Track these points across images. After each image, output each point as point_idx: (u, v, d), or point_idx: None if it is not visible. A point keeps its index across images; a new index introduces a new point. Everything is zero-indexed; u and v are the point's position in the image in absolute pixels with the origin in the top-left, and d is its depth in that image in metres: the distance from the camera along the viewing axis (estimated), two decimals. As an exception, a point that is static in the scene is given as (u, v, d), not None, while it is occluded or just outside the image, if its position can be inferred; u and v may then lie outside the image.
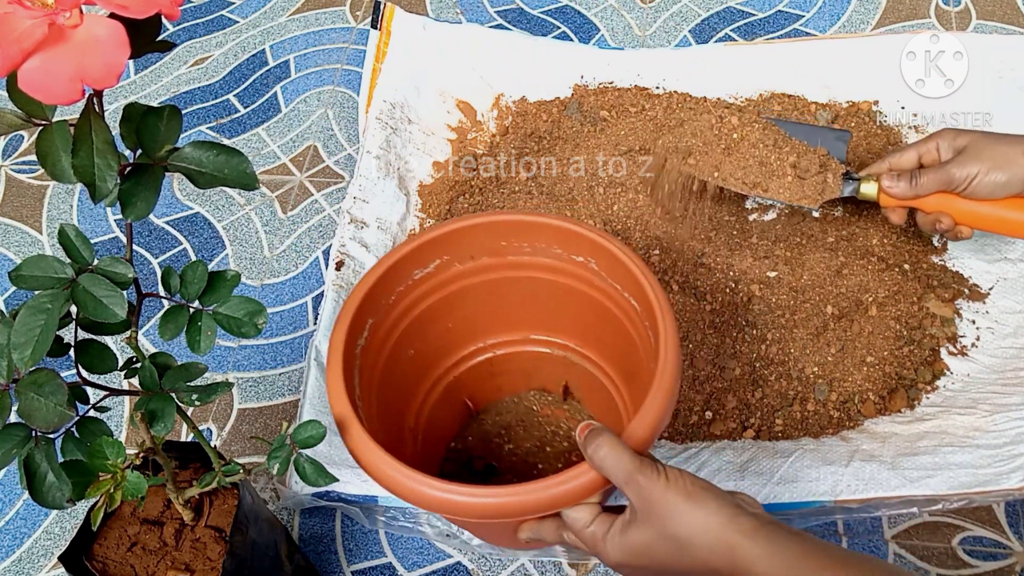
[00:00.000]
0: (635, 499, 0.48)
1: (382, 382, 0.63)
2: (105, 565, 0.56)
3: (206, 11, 1.17)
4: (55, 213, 0.98)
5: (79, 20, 0.33)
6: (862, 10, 1.06)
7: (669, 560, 0.48)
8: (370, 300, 0.61)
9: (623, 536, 0.49)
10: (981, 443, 0.66)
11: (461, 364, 0.72)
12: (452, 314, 0.68)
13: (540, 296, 0.67)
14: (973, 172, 0.68)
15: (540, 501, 0.49)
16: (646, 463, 0.48)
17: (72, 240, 0.43)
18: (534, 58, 0.98)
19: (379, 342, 0.63)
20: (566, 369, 0.71)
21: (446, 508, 0.50)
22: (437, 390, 0.71)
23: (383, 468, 0.51)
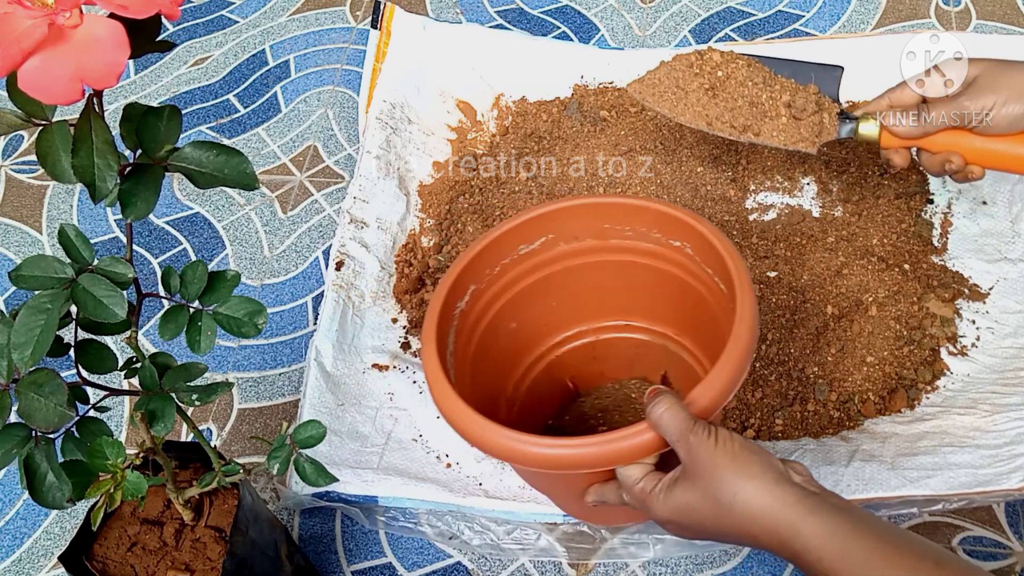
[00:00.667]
0: (684, 458, 0.49)
1: (480, 348, 0.66)
2: (105, 565, 0.56)
3: (206, 11, 1.17)
4: (55, 213, 0.98)
5: (79, 20, 0.33)
6: (862, 10, 1.06)
7: (709, 521, 0.49)
8: (473, 267, 0.64)
9: (669, 493, 0.50)
10: (981, 443, 0.66)
11: (564, 344, 0.73)
12: (555, 293, 0.69)
13: (641, 281, 0.68)
14: (988, 104, 0.62)
15: (596, 455, 0.51)
16: (700, 424, 0.49)
17: (72, 240, 0.43)
18: (534, 58, 0.98)
19: (479, 309, 0.66)
20: (665, 358, 0.72)
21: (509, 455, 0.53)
22: (539, 366, 0.73)
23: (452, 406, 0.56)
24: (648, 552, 0.69)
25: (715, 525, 0.49)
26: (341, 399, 0.75)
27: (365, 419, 0.75)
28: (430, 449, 0.73)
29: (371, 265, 0.84)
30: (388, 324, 0.82)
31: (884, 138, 0.68)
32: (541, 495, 0.69)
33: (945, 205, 0.85)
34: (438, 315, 0.60)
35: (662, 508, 0.51)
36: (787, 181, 0.88)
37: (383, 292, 0.84)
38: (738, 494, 0.47)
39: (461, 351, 0.64)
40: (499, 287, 0.67)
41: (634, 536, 0.69)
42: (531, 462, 0.53)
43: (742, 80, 0.70)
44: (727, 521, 0.48)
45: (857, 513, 0.46)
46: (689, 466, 0.49)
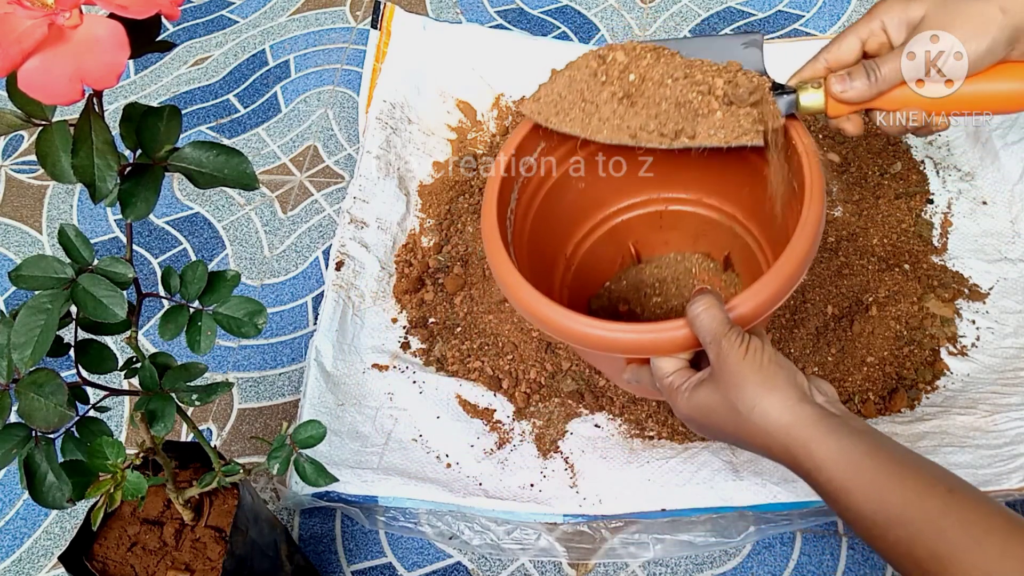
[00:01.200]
0: (713, 361, 0.49)
1: (544, 205, 0.66)
2: (105, 565, 0.56)
3: (206, 11, 1.17)
4: (55, 213, 0.98)
5: (79, 20, 0.33)
6: (862, 10, 1.06)
7: (726, 426, 0.49)
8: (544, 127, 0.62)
9: (693, 392, 0.51)
10: (981, 443, 0.66)
11: (632, 210, 0.73)
12: (631, 157, 0.67)
13: (716, 159, 0.61)
14: None
15: (630, 343, 0.52)
16: (735, 330, 0.49)
17: (72, 240, 0.43)
18: (534, 58, 0.97)
19: (548, 166, 0.65)
20: (731, 240, 0.72)
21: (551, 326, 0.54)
22: (603, 228, 0.73)
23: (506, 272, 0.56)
24: (648, 552, 0.69)
25: (732, 430, 0.49)
26: (341, 399, 0.76)
27: (365, 419, 0.75)
28: (430, 449, 0.73)
29: (371, 265, 0.84)
30: (388, 324, 0.82)
31: (831, 106, 0.59)
32: (541, 495, 0.69)
33: (945, 205, 0.85)
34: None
35: (685, 405, 0.51)
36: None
37: (383, 292, 0.84)
38: (756, 406, 0.47)
39: (523, 207, 0.64)
40: (570, 146, 0.65)
41: (634, 536, 0.69)
42: (570, 337, 0.54)
43: (659, 79, 0.59)
44: (743, 430, 0.48)
45: (876, 437, 0.46)
46: (716, 370, 0.49)
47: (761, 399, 0.47)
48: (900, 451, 0.46)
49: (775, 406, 0.47)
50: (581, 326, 0.53)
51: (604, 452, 0.71)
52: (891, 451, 0.45)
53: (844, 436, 0.46)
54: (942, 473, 0.45)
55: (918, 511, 0.43)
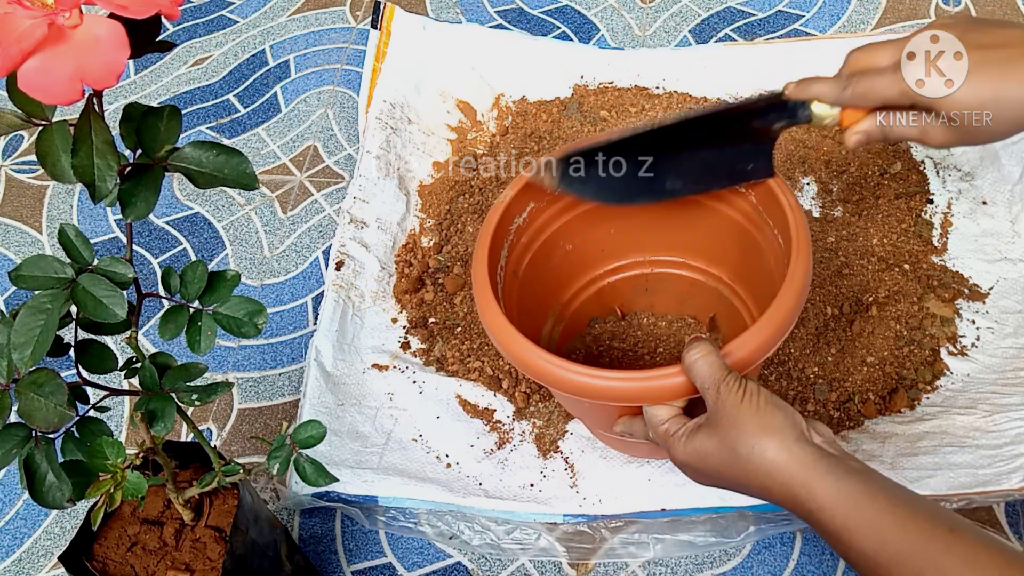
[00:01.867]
0: (711, 406, 0.50)
1: (532, 264, 0.67)
2: (105, 565, 0.56)
3: (206, 11, 1.17)
4: (55, 213, 0.98)
5: (79, 20, 0.33)
6: (862, 10, 1.06)
7: (724, 470, 0.50)
8: (535, 185, 0.63)
9: (690, 437, 0.51)
10: (981, 443, 0.66)
11: (618, 272, 0.74)
12: (616, 220, 0.70)
13: (702, 222, 0.68)
14: None
15: (626, 391, 0.52)
16: (732, 375, 0.50)
17: (72, 240, 0.43)
18: (534, 58, 0.98)
19: (537, 227, 0.67)
20: (717, 301, 0.73)
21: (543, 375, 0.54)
22: (590, 290, 0.74)
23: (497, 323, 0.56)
24: (648, 552, 0.69)
25: (730, 475, 0.50)
26: (341, 399, 0.76)
27: (365, 419, 0.75)
28: (430, 449, 0.73)
29: (371, 265, 0.84)
30: (388, 324, 0.82)
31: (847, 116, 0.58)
32: (541, 495, 0.69)
33: (945, 205, 0.85)
34: (494, 228, 0.61)
35: (682, 451, 0.52)
36: (787, 181, 0.87)
37: (383, 292, 0.84)
38: (756, 447, 0.48)
39: (513, 265, 0.65)
40: (559, 207, 0.67)
41: (634, 536, 0.69)
42: (563, 387, 0.54)
43: None
44: (743, 472, 0.49)
45: (875, 477, 0.47)
46: (714, 415, 0.50)
47: (760, 441, 0.48)
48: (900, 491, 0.46)
49: (774, 447, 0.48)
50: (575, 375, 0.53)
51: (604, 452, 0.71)
52: (891, 491, 0.46)
53: (844, 476, 0.46)
54: (942, 512, 0.45)
55: (920, 551, 0.43)
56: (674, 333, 0.75)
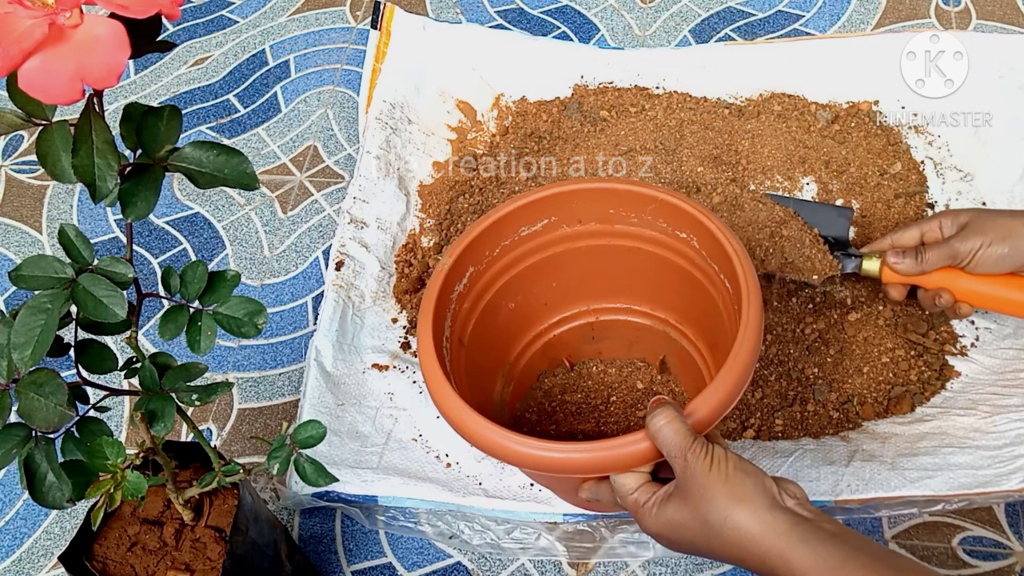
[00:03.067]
0: (679, 474, 0.50)
1: (477, 328, 0.66)
2: (105, 565, 0.56)
3: (206, 11, 1.17)
4: (55, 213, 0.98)
5: (79, 20, 0.33)
6: (862, 10, 1.06)
7: (698, 540, 0.49)
8: (473, 250, 0.64)
9: (661, 508, 0.50)
10: (981, 444, 0.66)
11: (563, 323, 0.74)
12: (557, 274, 0.69)
13: (644, 268, 0.68)
14: (976, 245, 0.68)
15: (588, 462, 0.51)
16: (698, 442, 0.49)
17: (72, 240, 0.43)
18: (534, 58, 0.98)
19: (478, 291, 0.66)
20: (665, 344, 0.72)
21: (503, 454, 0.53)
22: (536, 344, 0.73)
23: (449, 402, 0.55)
24: (648, 552, 0.69)
25: (704, 544, 0.49)
26: (341, 399, 0.76)
27: (365, 419, 0.75)
28: (430, 449, 0.73)
29: (371, 265, 0.84)
30: (388, 324, 0.82)
31: (884, 274, 0.74)
32: (541, 495, 0.69)
33: (944, 205, 0.85)
34: (435, 301, 0.60)
35: (653, 522, 0.51)
36: (787, 181, 0.88)
37: (383, 292, 0.84)
38: (728, 518, 0.47)
39: (457, 333, 0.64)
40: (498, 268, 0.67)
41: (634, 536, 0.69)
42: (525, 463, 0.53)
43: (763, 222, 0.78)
44: (716, 543, 0.48)
45: (851, 540, 0.46)
46: (683, 483, 0.49)
47: (732, 510, 0.47)
48: (877, 554, 0.46)
49: (746, 516, 0.47)
50: (536, 450, 0.52)
51: (604, 452, 0.71)
52: (869, 555, 0.45)
53: (818, 543, 0.46)
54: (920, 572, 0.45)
55: None
56: (625, 379, 0.74)
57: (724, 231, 0.59)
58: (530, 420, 0.73)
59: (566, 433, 0.72)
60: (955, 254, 0.70)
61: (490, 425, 0.53)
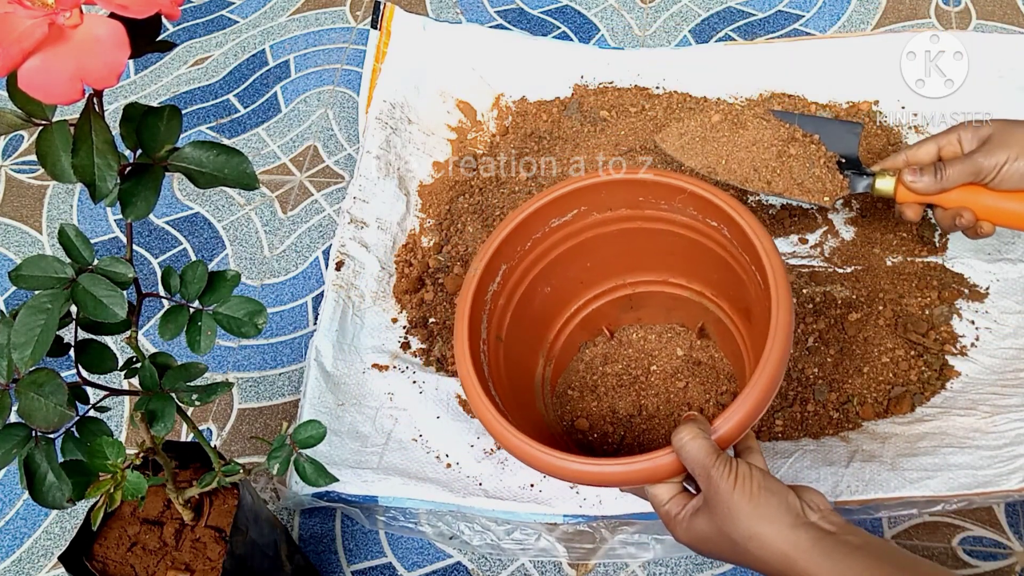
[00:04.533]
0: (705, 490, 0.51)
1: (514, 319, 0.67)
2: (105, 565, 0.56)
3: (206, 11, 1.17)
4: (55, 213, 0.98)
5: (79, 20, 0.33)
6: (862, 10, 1.06)
7: (724, 554, 0.50)
8: (504, 248, 0.64)
9: (690, 521, 0.52)
10: (981, 444, 0.66)
11: (601, 297, 0.74)
12: (590, 255, 0.70)
13: (677, 247, 0.68)
14: (1001, 160, 0.64)
15: (622, 476, 0.53)
16: (722, 459, 0.50)
17: (72, 240, 0.43)
18: (534, 58, 0.97)
19: (512, 285, 0.67)
20: (702, 312, 0.73)
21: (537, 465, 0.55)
22: (576, 320, 0.74)
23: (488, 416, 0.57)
24: (648, 552, 0.69)
25: (731, 558, 0.51)
26: (341, 399, 0.76)
27: (365, 419, 0.75)
28: (430, 449, 0.73)
29: (371, 265, 0.84)
30: (388, 324, 0.82)
31: (900, 193, 0.70)
32: (541, 495, 0.69)
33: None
34: (469, 307, 0.61)
35: (684, 534, 0.52)
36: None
37: (383, 292, 0.84)
38: (753, 537, 0.48)
39: (495, 330, 0.65)
40: (531, 260, 0.67)
41: (634, 536, 0.69)
42: (563, 476, 0.54)
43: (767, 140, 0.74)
44: (741, 558, 0.49)
45: (873, 551, 0.46)
46: (709, 499, 0.50)
47: (757, 529, 0.48)
48: (899, 563, 0.46)
49: (770, 535, 0.48)
50: (574, 464, 0.54)
51: (604, 452, 0.71)
52: (890, 564, 0.46)
53: (840, 558, 0.46)
54: None
55: None
56: (665, 345, 0.75)
57: (754, 227, 0.58)
58: (572, 397, 0.74)
59: (607, 409, 0.73)
60: (978, 170, 0.65)
61: (533, 444, 0.55)
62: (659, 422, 0.71)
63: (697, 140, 0.77)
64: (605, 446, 0.71)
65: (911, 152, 0.70)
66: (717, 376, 0.73)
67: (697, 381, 0.73)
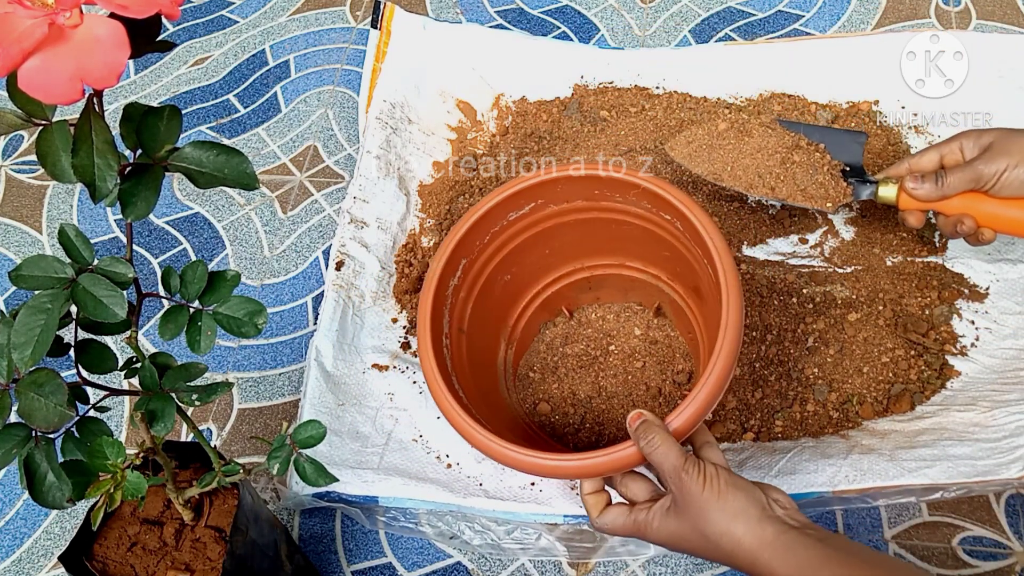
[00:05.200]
0: (675, 492, 0.53)
1: (476, 308, 0.70)
2: (105, 565, 0.56)
3: (206, 11, 1.17)
4: (55, 213, 0.98)
5: (79, 20, 0.33)
6: (862, 10, 1.06)
7: (700, 550, 0.53)
8: (464, 243, 0.67)
9: (662, 522, 0.54)
10: (980, 437, 0.66)
11: (560, 280, 0.77)
12: (549, 243, 0.72)
13: (633, 235, 0.71)
14: (1001, 167, 0.65)
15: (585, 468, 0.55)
16: (690, 460, 0.53)
17: (72, 240, 0.43)
18: (534, 58, 0.97)
19: (472, 277, 0.69)
20: (658, 293, 0.75)
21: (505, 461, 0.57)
22: (536, 303, 0.77)
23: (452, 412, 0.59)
24: (648, 551, 0.69)
25: (704, 553, 0.53)
26: (341, 399, 0.76)
27: (365, 419, 0.75)
28: (430, 449, 0.73)
29: (371, 265, 0.84)
30: (388, 324, 0.82)
31: (902, 200, 0.71)
32: (541, 495, 0.69)
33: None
34: (431, 302, 0.63)
35: (656, 535, 0.55)
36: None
37: (383, 292, 0.84)
38: (724, 533, 0.51)
39: (456, 322, 0.67)
40: (490, 252, 0.70)
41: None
42: (524, 468, 0.56)
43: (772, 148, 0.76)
44: (715, 552, 0.52)
45: (833, 543, 0.49)
46: (679, 500, 0.53)
47: (726, 525, 0.51)
48: (863, 557, 0.49)
49: (738, 530, 0.51)
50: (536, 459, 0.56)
51: (604, 452, 0.71)
52: (849, 554, 0.48)
53: (801, 548, 0.49)
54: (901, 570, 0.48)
55: None
56: (623, 324, 0.77)
57: (706, 225, 0.60)
58: (533, 379, 0.76)
59: (568, 391, 0.75)
60: (979, 177, 0.66)
61: (495, 439, 0.57)
62: (618, 402, 0.74)
63: (704, 147, 0.78)
64: (566, 427, 0.73)
65: (913, 160, 0.71)
66: (673, 355, 0.75)
67: (654, 360, 0.75)
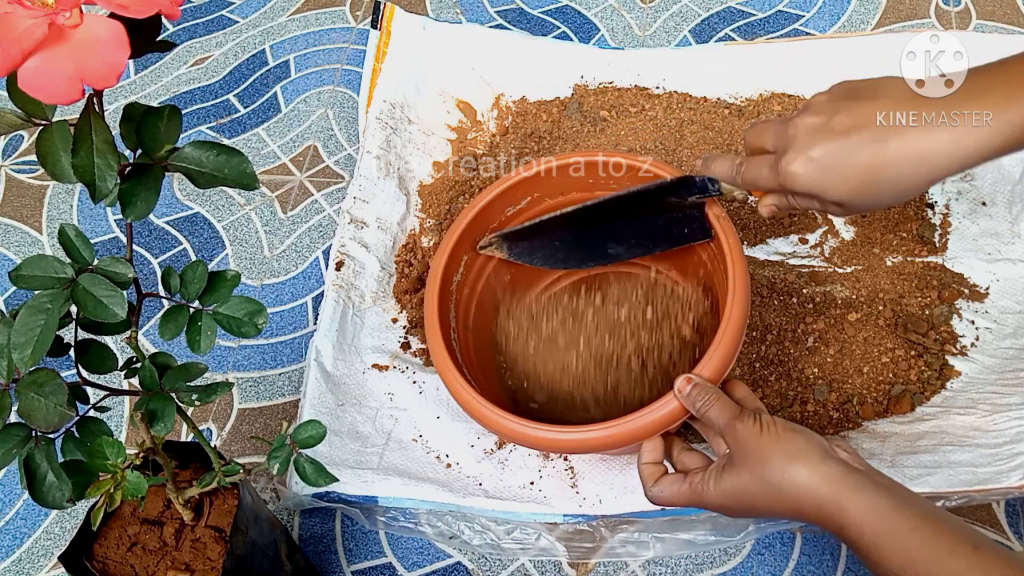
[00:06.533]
0: (732, 445, 0.53)
1: (479, 307, 0.71)
2: (105, 565, 0.56)
3: (206, 11, 1.17)
4: (55, 213, 0.98)
5: (79, 20, 0.33)
6: (862, 10, 1.06)
7: (759, 502, 0.51)
8: (464, 239, 0.68)
9: (719, 481, 0.53)
10: (980, 442, 0.66)
11: (560, 281, 0.76)
12: None
13: None
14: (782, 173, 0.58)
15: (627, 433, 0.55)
16: (745, 413, 0.53)
17: (72, 240, 0.43)
18: (534, 58, 0.98)
19: (475, 274, 0.70)
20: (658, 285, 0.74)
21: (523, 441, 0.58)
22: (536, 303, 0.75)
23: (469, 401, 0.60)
24: (648, 551, 0.69)
25: (765, 504, 0.51)
26: (341, 399, 0.76)
27: (365, 419, 0.75)
28: (430, 449, 0.73)
29: (371, 265, 0.84)
30: (388, 324, 0.82)
31: None
32: (541, 495, 0.69)
33: (944, 205, 0.85)
34: (437, 296, 0.64)
35: (714, 495, 0.53)
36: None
37: (383, 292, 0.84)
38: (786, 473, 0.49)
39: (462, 320, 0.68)
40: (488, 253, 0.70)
41: (634, 535, 0.69)
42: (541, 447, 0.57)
43: None
44: (777, 500, 0.50)
45: (901, 492, 0.48)
46: (736, 453, 0.52)
47: (789, 467, 0.50)
48: (926, 507, 0.47)
49: (803, 470, 0.49)
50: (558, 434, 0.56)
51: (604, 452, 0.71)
52: (918, 506, 0.47)
53: (871, 492, 0.47)
54: (967, 531, 0.46)
55: (945, 570, 0.45)
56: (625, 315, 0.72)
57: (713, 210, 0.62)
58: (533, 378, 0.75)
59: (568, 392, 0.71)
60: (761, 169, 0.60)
61: (518, 420, 0.57)
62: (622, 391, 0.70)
63: None
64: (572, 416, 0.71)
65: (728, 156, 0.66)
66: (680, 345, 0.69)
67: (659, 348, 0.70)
